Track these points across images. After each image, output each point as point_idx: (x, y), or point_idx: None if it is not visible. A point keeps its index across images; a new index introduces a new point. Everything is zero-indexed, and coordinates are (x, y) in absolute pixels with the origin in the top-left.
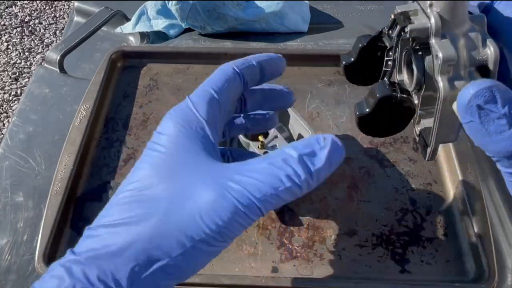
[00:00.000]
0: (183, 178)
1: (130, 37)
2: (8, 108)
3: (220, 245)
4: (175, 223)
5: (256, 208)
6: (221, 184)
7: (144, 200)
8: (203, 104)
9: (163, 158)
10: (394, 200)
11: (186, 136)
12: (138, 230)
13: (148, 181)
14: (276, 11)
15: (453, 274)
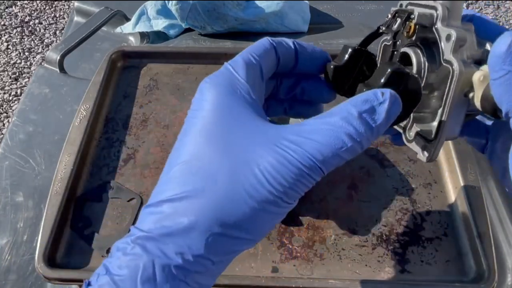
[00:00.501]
0: (239, 143)
1: (130, 37)
2: (8, 108)
3: (286, 205)
4: (242, 188)
5: (318, 169)
6: (281, 146)
7: (203, 171)
8: (243, 67)
9: (211, 123)
10: (394, 200)
11: (231, 98)
12: (206, 201)
13: (202, 150)
14: (276, 11)
15: (453, 274)
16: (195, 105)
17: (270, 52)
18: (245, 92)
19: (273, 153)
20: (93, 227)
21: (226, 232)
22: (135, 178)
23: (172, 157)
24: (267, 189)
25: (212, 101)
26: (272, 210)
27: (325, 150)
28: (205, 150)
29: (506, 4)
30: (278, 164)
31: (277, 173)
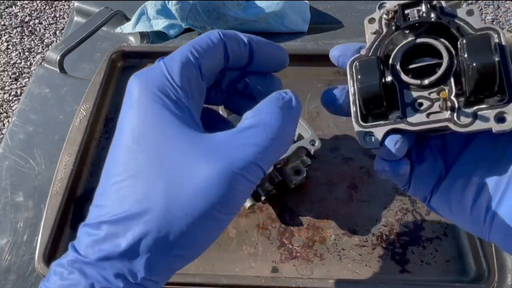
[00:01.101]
0: (171, 157)
1: (130, 37)
2: (8, 108)
3: (226, 218)
4: (178, 207)
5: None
6: (214, 156)
7: (138, 191)
8: (178, 68)
9: (142, 134)
10: (394, 200)
11: (162, 106)
12: (144, 223)
13: (135, 165)
14: (276, 11)
15: (453, 274)
16: (125, 108)
17: (216, 48)
18: (177, 98)
19: (205, 166)
20: None
21: (166, 252)
22: None
23: (108, 166)
24: (203, 205)
25: (142, 108)
26: (211, 225)
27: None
28: (138, 165)
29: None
30: (209, 178)
31: (212, 186)
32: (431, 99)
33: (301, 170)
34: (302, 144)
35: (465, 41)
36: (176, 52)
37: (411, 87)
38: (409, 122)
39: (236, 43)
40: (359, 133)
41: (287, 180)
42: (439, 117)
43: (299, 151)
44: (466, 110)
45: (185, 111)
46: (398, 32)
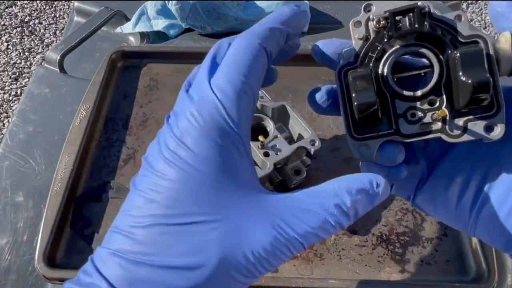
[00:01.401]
0: (229, 217)
1: (130, 37)
2: (8, 108)
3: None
4: (230, 268)
5: (302, 248)
6: (276, 227)
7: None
8: (234, 104)
9: (196, 184)
10: (394, 200)
11: (219, 155)
12: (192, 279)
13: (186, 213)
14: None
15: (453, 274)
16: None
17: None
18: (237, 144)
19: (266, 233)
20: (93, 227)
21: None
22: None
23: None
24: (251, 266)
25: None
26: (246, 281)
27: (312, 232)
28: (189, 213)
29: None
30: (269, 245)
31: (265, 253)
32: (423, 109)
33: (301, 170)
34: (302, 144)
35: (459, 55)
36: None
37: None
38: (403, 134)
39: (276, 41)
40: (353, 145)
41: (287, 180)
42: (432, 128)
43: (299, 151)
44: (456, 121)
45: (245, 158)
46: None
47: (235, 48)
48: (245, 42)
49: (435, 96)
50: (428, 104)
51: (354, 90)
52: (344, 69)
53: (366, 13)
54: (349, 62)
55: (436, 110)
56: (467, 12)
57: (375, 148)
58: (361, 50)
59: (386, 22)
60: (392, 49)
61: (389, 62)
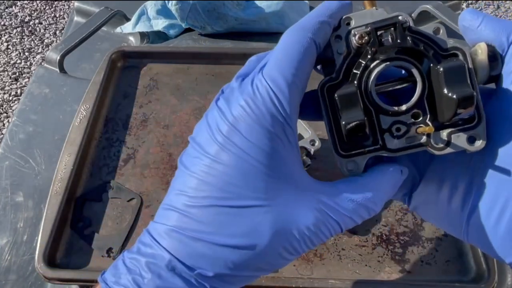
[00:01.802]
0: (280, 200)
1: (130, 37)
2: (8, 108)
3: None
4: (279, 248)
5: (340, 229)
6: (322, 213)
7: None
8: (286, 96)
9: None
10: (394, 200)
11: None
12: (245, 258)
13: (241, 196)
14: (276, 11)
15: (453, 274)
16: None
17: (312, 53)
18: (287, 134)
19: (311, 216)
20: (93, 227)
21: (253, 275)
22: (135, 178)
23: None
24: (296, 246)
25: (249, 141)
26: (290, 258)
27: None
28: (245, 196)
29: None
30: (313, 227)
31: (309, 233)
32: (407, 123)
33: None
34: (302, 144)
35: (442, 70)
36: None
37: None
38: (389, 148)
39: (324, 33)
40: (341, 163)
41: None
42: (417, 142)
43: (300, 150)
44: (440, 134)
45: (293, 147)
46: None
47: (286, 41)
48: (296, 35)
49: (418, 110)
50: (412, 117)
51: (342, 110)
52: (326, 85)
53: (346, 27)
54: (331, 77)
55: (420, 124)
56: None
57: (363, 164)
58: (343, 65)
59: (369, 37)
60: (375, 64)
61: (372, 78)
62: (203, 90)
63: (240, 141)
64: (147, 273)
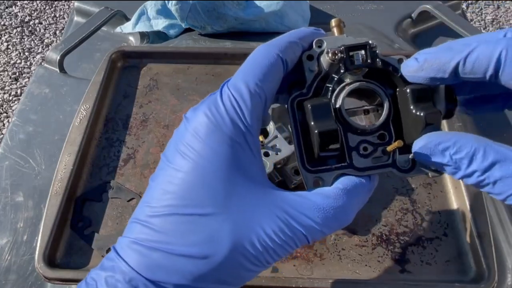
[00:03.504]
0: (241, 209)
1: (130, 37)
2: (8, 108)
3: (267, 265)
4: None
5: (306, 240)
6: (282, 218)
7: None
8: (248, 106)
9: (210, 177)
10: (394, 200)
11: (233, 150)
12: (204, 265)
13: (200, 204)
14: (276, 11)
15: (453, 274)
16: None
17: (279, 69)
18: (249, 142)
19: (275, 226)
20: (93, 227)
21: (215, 287)
22: (135, 178)
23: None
24: (259, 256)
25: (211, 148)
26: (255, 269)
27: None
28: (203, 204)
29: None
30: (276, 238)
31: (272, 244)
32: (374, 143)
33: None
34: None
35: (409, 90)
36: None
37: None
38: (356, 167)
39: (293, 53)
40: (308, 178)
41: (287, 180)
42: (383, 162)
43: None
44: (405, 157)
45: (255, 154)
46: (343, 75)
47: (254, 54)
48: (264, 50)
49: (384, 131)
50: (378, 138)
51: (314, 119)
52: (296, 99)
53: (318, 49)
54: (301, 92)
55: (386, 145)
56: (467, 12)
57: (330, 180)
58: (313, 82)
59: (341, 55)
60: (347, 82)
61: (343, 94)
62: (203, 90)
63: (200, 147)
64: (103, 287)
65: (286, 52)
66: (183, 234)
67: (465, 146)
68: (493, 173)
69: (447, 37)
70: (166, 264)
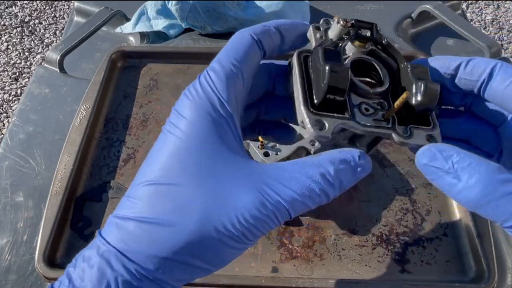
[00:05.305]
0: (215, 179)
1: (130, 37)
2: (8, 108)
3: (249, 242)
4: (212, 227)
5: (287, 214)
6: (261, 191)
7: (174, 199)
8: (223, 82)
9: (186, 148)
10: (394, 200)
11: (210, 124)
12: (174, 233)
13: (174, 174)
14: (276, 11)
15: (453, 274)
16: (173, 118)
17: (252, 50)
18: (224, 114)
19: (252, 197)
20: (93, 227)
21: (188, 261)
22: None
23: (147, 164)
24: (235, 227)
25: (190, 122)
26: (235, 246)
27: (298, 199)
28: (176, 175)
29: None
30: (254, 209)
31: (250, 217)
32: (375, 107)
33: None
34: (302, 144)
35: (410, 65)
36: (217, 64)
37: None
38: (358, 121)
39: (269, 37)
40: (309, 117)
41: None
42: (383, 125)
43: (299, 151)
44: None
45: (233, 131)
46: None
47: (232, 38)
48: (239, 33)
49: (384, 101)
50: (378, 105)
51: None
52: (303, 54)
53: (325, 25)
54: (308, 50)
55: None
56: (467, 12)
57: (331, 128)
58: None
59: (351, 26)
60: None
61: (349, 58)
62: None
63: (181, 124)
64: (80, 262)
65: (261, 35)
66: (155, 203)
67: (470, 157)
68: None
69: (447, 37)
70: (137, 233)
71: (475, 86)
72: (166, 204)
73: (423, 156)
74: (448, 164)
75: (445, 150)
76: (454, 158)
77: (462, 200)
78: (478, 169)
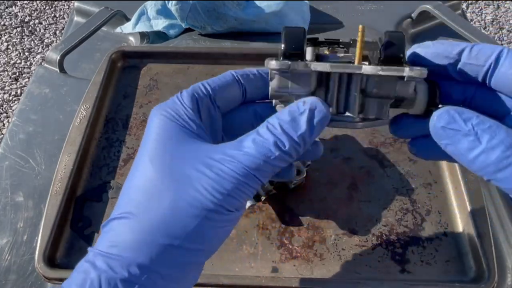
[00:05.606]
0: (178, 163)
1: (130, 37)
2: (8, 108)
3: (229, 213)
4: (184, 201)
5: (253, 176)
6: (218, 160)
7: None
8: (189, 96)
9: (155, 148)
10: (394, 200)
11: (172, 123)
12: (150, 216)
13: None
14: (276, 11)
15: (453, 274)
16: (146, 132)
17: (231, 82)
18: (187, 116)
19: (210, 167)
20: (93, 227)
21: (173, 242)
22: None
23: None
24: (207, 199)
25: (156, 128)
26: (216, 218)
27: (256, 159)
28: (150, 173)
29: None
30: (216, 176)
31: (216, 183)
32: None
33: (301, 170)
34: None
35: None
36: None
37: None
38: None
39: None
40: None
41: (287, 180)
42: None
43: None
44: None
45: (195, 127)
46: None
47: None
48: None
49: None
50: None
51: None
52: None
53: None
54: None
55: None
56: (467, 12)
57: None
58: None
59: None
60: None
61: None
62: None
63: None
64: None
65: (242, 75)
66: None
67: (488, 120)
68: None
69: (447, 37)
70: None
71: (480, 72)
72: (140, 197)
73: (440, 118)
74: (468, 126)
75: (464, 113)
76: (474, 121)
77: (479, 165)
78: (498, 131)
